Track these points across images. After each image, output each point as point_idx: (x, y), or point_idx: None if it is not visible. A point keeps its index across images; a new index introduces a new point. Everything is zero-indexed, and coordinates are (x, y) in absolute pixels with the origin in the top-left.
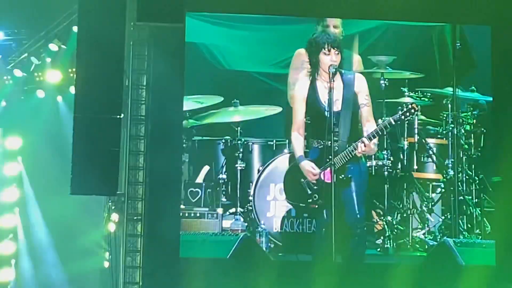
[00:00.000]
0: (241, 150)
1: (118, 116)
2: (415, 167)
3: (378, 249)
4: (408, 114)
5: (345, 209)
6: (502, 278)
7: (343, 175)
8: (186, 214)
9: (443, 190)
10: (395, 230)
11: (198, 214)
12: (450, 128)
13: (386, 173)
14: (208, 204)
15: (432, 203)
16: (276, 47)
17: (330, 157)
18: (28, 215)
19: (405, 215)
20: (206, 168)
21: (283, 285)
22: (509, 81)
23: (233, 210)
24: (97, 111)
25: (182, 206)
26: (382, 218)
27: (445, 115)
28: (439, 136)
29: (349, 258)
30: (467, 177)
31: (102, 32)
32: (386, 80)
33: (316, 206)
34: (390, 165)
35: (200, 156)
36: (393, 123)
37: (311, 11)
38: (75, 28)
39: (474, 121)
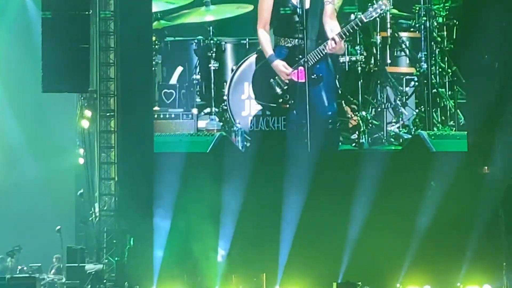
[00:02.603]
0: (214, 49)
1: (86, 12)
2: (388, 61)
3: (354, 144)
4: (379, 10)
5: (316, 107)
6: (473, 163)
7: (313, 74)
8: (161, 116)
9: (416, 83)
10: (370, 125)
11: (173, 115)
12: (423, 21)
13: (359, 68)
14: (182, 105)
15: (406, 97)
16: None
17: (300, 56)
18: (1, 114)
19: (379, 109)
20: (179, 69)
21: (258, 176)
22: None
23: (208, 110)
24: (65, 8)
25: (156, 108)
26: (357, 113)
27: (417, 8)
28: (411, 29)
29: (323, 150)
30: (440, 69)
31: None
32: None
33: (287, 106)
34: (363, 60)
35: (173, 57)
36: (365, 20)
37: None
38: None
39: (447, 13)
